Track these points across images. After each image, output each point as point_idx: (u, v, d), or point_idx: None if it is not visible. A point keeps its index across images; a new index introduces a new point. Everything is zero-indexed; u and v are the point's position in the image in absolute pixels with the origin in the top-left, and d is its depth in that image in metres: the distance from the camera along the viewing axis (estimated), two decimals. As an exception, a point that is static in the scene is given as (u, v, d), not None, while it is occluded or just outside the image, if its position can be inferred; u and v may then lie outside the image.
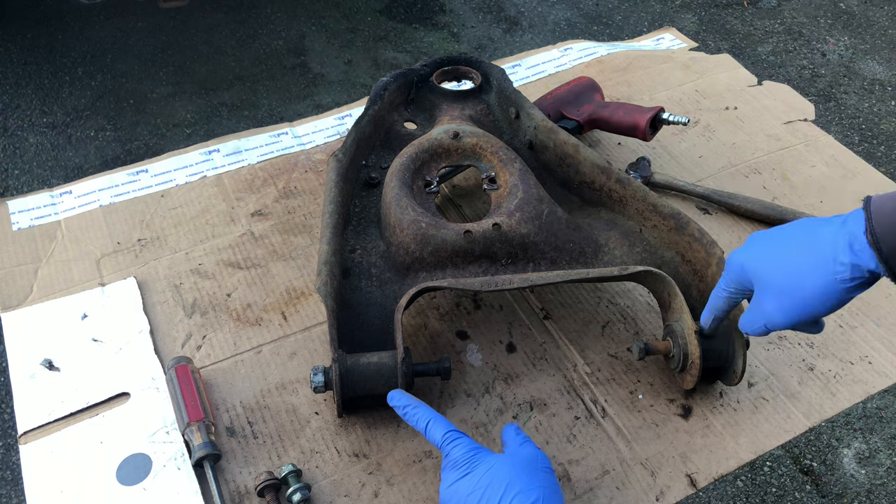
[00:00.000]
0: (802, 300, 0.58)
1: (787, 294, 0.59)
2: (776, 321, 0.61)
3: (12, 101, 2.41)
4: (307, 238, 0.93)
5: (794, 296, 0.59)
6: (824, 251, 0.56)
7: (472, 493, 0.60)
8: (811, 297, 0.58)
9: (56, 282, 0.88)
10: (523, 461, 0.62)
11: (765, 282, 0.61)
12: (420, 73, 1.00)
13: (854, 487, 1.60)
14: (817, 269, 0.57)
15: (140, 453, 0.72)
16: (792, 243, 0.59)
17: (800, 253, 0.58)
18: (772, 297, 0.60)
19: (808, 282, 0.58)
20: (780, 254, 0.60)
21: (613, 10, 2.96)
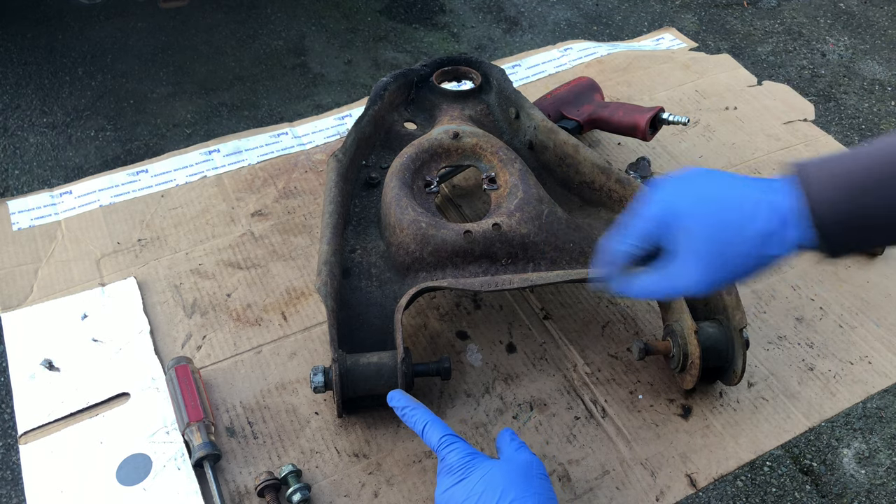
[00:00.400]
0: (726, 268, 0.54)
1: (714, 259, 0.54)
2: (691, 286, 0.56)
3: (12, 101, 2.41)
4: (307, 238, 0.93)
5: (720, 262, 0.54)
6: (759, 222, 0.52)
7: (467, 499, 0.60)
8: (737, 267, 0.54)
9: (56, 282, 0.88)
10: (518, 468, 0.62)
11: (693, 241, 0.55)
12: (420, 74, 1.01)
13: (854, 487, 1.60)
14: (750, 240, 0.53)
15: (140, 453, 0.72)
16: (729, 205, 0.54)
17: (735, 218, 0.53)
18: (695, 260, 0.55)
19: (738, 250, 0.53)
20: (717, 214, 0.54)
21: (613, 10, 2.96)
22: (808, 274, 0.91)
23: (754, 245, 0.53)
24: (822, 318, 0.87)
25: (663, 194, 0.57)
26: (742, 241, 0.53)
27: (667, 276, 0.57)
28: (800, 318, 0.87)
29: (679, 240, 0.56)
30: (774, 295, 0.89)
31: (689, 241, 0.55)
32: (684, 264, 0.56)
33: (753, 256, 0.54)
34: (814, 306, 0.88)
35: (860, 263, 0.93)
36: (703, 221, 0.55)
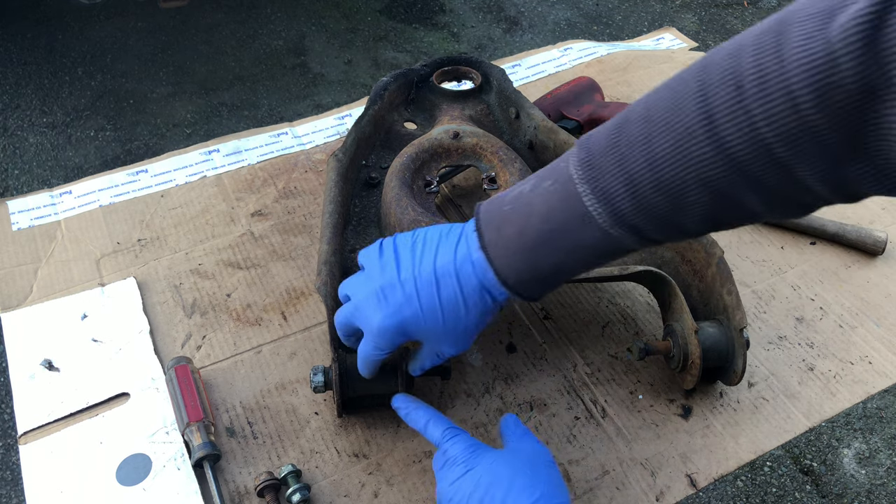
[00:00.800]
0: (465, 335, 0.61)
1: (451, 336, 0.61)
2: (448, 354, 0.64)
3: (12, 101, 2.41)
4: (307, 238, 0.93)
5: (457, 335, 0.61)
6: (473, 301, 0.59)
7: (474, 491, 0.59)
8: (470, 330, 0.61)
9: (56, 282, 0.88)
10: (524, 457, 0.61)
11: (430, 338, 0.62)
12: (420, 73, 1.01)
13: (854, 487, 1.60)
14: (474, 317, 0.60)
15: (140, 453, 0.72)
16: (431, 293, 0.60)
17: (451, 305, 0.59)
18: (439, 342, 0.62)
19: (467, 330, 0.61)
20: (430, 308, 0.60)
21: (613, 10, 2.96)
22: (808, 274, 0.91)
23: (480, 322, 0.61)
24: (823, 318, 0.87)
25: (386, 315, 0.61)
26: (465, 325, 0.60)
27: (425, 355, 0.65)
28: (800, 318, 0.87)
29: (419, 338, 0.63)
30: (774, 295, 0.89)
31: (430, 340, 0.63)
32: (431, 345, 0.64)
33: (482, 324, 0.61)
34: (814, 306, 0.88)
35: (860, 263, 0.93)
36: (432, 327, 0.61)
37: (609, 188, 0.51)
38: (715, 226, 0.52)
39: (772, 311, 0.87)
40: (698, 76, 0.47)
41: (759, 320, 0.86)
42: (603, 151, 0.52)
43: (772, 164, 0.45)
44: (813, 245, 0.95)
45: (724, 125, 0.45)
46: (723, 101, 0.45)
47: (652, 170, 0.49)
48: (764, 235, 0.96)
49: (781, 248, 0.94)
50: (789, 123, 0.42)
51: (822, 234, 0.94)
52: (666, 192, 0.49)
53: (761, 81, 0.43)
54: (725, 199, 0.48)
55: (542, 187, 0.55)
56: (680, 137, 0.47)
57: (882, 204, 1.00)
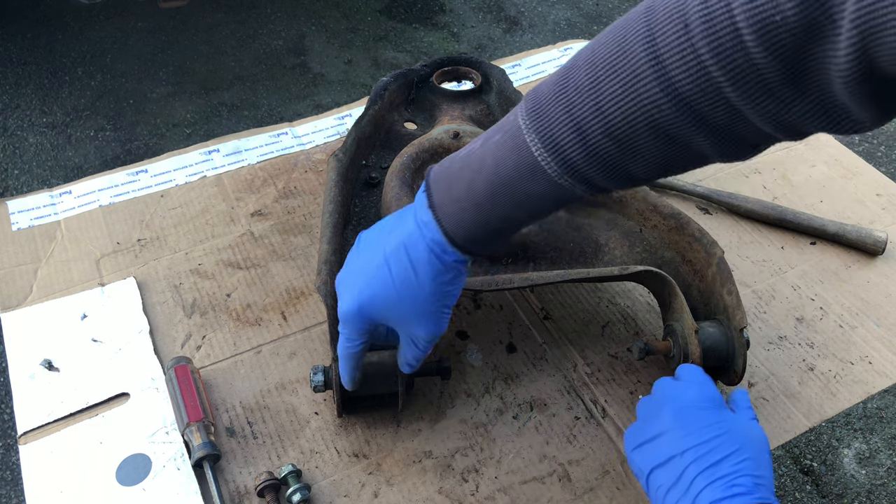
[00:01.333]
0: (426, 307, 0.60)
1: (416, 313, 0.60)
2: (427, 342, 0.63)
3: (12, 101, 2.41)
4: (307, 238, 0.93)
5: (417, 308, 0.60)
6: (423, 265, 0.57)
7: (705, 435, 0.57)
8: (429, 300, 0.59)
9: (56, 282, 0.88)
10: (759, 438, 0.59)
11: (394, 316, 0.61)
12: (420, 74, 1.00)
13: (854, 487, 1.60)
14: (430, 284, 0.58)
15: (140, 453, 0.72)
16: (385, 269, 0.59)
17: (404, 274, 0.58)
18: (408, 322, 0.61)
19: (428, 301, 0.59)
20: (386, 286, 0.59)
21: (613, 10, 2.96)
22: (808, 274, 0.91)
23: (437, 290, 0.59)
24: (823, 318, 0.87)
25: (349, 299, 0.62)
26: (425, 297, 0.59)
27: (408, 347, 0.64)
28: (800, 318, 0.87)
29: (388, 322, 0.62)
30: (774, 295, 0.89)
31: (398, 321, 0.62)
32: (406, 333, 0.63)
33: (441, 294, 0.59)
34: (814, 306, 0.88)
35: (860, 263, 0.93)
36: (393, 305, 0.60)
37: (557, 137, 0.50)
38: (664, 170, 0.52)
39: (772, 311, 0.87)
40: (644, 17, 0.47)
41: (759, 320, 0.86)
42: (550, 99, 0.51)
43: (720, 102, 0.44)
44: (813, 245, 0.95)
45: (672, 65, 0.45)
46: (670, 40, 0.44)
47: (600, 115, 0.48)
48: (764, 235, 0.96)
49: (781, 248, 0.94)
50: (736, 62, 0.42)
51: (823, 234, 0.94)
52: (615, 137, 0.49)
53: (708, 20, 0.43)
54: (675, 142, 0.48)
55: (492, 141, 0.55)
56: (627, 80, 0.47)
57: (882, 204, 1.00)
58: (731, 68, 0.43)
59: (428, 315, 0.60)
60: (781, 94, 0.43)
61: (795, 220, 0.95)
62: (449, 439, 0.74)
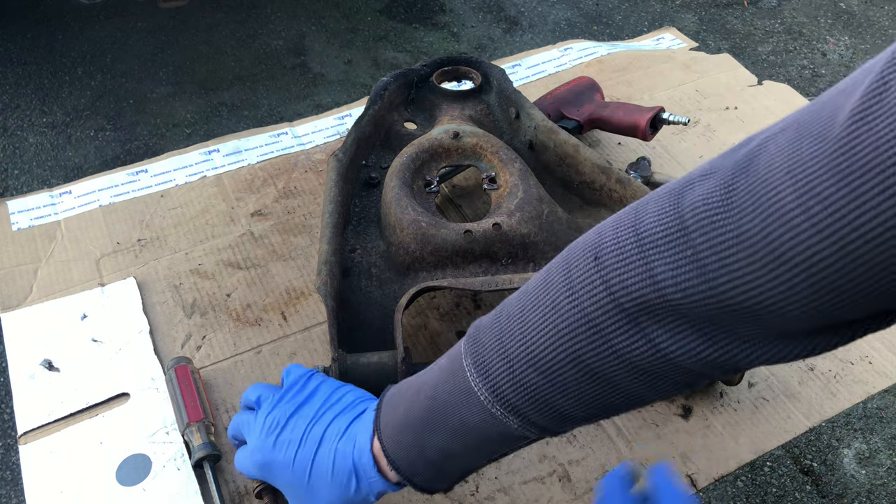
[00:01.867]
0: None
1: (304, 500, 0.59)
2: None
3: (12, 101, 2.41)
4: (307, 238, 0.93)
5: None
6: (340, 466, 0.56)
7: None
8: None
9: (56, 282, 0.87)
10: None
11: (285, 488, 0.60)
12: (420, 73, 1.00)
13: (854, 487, 1.60)
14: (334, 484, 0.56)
15: (140, 454, 0.72)
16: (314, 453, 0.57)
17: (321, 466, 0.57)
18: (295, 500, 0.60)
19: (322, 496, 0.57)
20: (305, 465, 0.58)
21: (613, 10, 2.96)
22: (809, 274, 0.91)
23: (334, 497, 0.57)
24: (823, 318, 0.86)
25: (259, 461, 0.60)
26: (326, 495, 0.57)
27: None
28: (800, 318, 0.86)
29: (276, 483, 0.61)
30: (775, 295, 0.89)
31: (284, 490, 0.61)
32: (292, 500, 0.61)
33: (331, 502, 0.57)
34: (814, 306, 0.88)
35: (860, 263, 0.92)
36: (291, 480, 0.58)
37: (488, 362, 0.49)
38: (600, 410, 0.49)
39: (772, 311, 0.87)
40: (564, 253, 0.47)
41: (759, 320, 0.86)
42: (487, 327, 0.50)
43: (636, 334, 0.44)
44: (813, 245, 0.94)
45: (583, 294, 0.45)
46: (582, 271, 0.45)
47: (525, 344, 0.47)
48: (764, 235, 0.95)
49: (781, 248, 0.94)
50: (646, 293, 0.42)
51: (823, 234, 0.94)
52: (539, 368, 0.47)
53: (619, 252, 0.43)
54: (598, 377, 0.46)
55: (437, 365, 0.54)
56: (548, 309, 0.46)
57: (882, 204, 1.00)
58: (641, 299, 0.42)
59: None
60: (702, 329, 0.42)
61: (795, 220, 0.95)
62: (449, 439, 0.74)
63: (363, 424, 0.57)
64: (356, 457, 0.55)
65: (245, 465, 0.62)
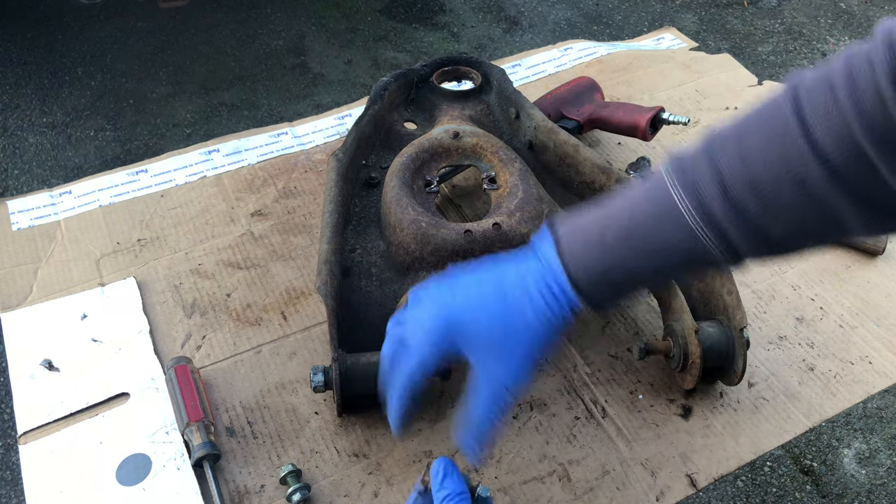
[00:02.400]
0: (529, 350, 0.54)
1: (510, 351, 0.54)
2: (515, 385, 0.55)
3: (12, 101, 2.41)
4: (307, 238, 0.93)
5: (518, 352, 0.54)
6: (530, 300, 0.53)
7: None
8: (534, 344, 0.54)
9: (56, 282, 0.87)
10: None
11: (484, 343, 0.54)
12: (420, 73, 1.00)
13: (854, 487, 1.60)
14: (533, 320, 0.53)
15: (140, 453, 0.72)
16: (491, 292, 0.55)
17: (506, 303, 0.54)
18: (497, 360, 0.54)
19: (525, 335, 0.54)
20: (488, 307, 0.54)
21: (613, 10, 2.96)
22: (809, 274, 0.91)
23: (542, 337, 0.54)
24: (823, 318, 0.87)
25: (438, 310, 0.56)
26: (528, 337, 0.54)
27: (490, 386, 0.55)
28: (800, 318, 0.87)
29: (472, 355, 0.55)
30: (774, 295, 0.89)
31: (485, 356, 0.55)
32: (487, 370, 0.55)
33: (543, 342, 0.54)
34: (814, 306, 0.88)
35: (860, 263, 0.93)
36: (489, 333, 0.54)
37: (698, 183, 0.49)
38: (800, 236, 0.50)
39: (772, 311, 0.87)
40: (790, 87, 0.48)
41: (759, 320, 0.86)
42: (694, 153, 0.51)
43: (862, 164, 0.44)
44: (813, 245, 0.95)
45: (817, 125, 0.45)
46: (816, 101, 0.45)
47: (744, 166, 0.48)
48: (764, 235, 0.96)
49: (781, 248, 0.94)
50: (878, 122, 0.43)
51: (823, 234, 0.94)
52: (757, 190, 0.48)
53: (852, 81, 0.44)
54: (815, 202, 0.47)
55: (628, 192, 0.53)
56: (774, 134, 0.47)
57: (882, 204, 1.00)
58: (874, 130, 0.43)
59: (521, 358, 0.54)
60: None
61: (795, 220, 0.95)
62: (449, 439, 0.74)
63: (536, 251, 0.55)
64: (550, 277, 0.53)
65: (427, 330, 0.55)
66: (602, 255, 0.52)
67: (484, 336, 0.54)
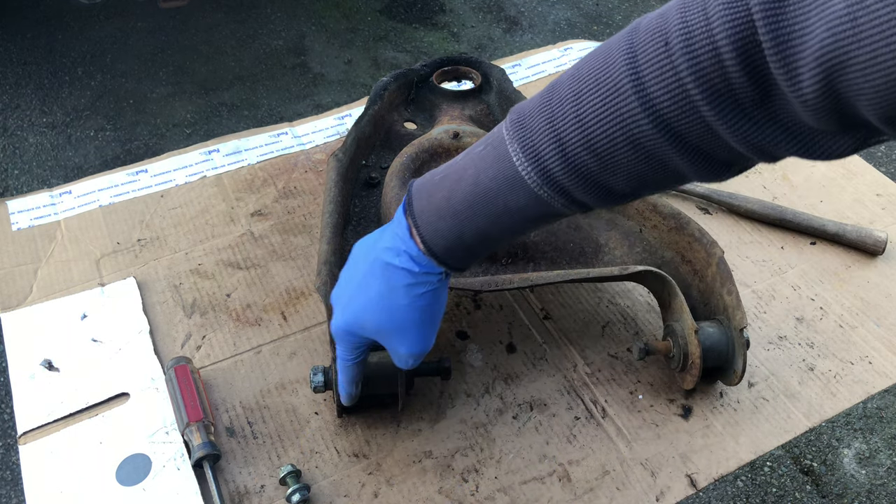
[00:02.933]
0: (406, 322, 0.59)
1: (404, 332, 0.60)
2: (409, 359, 0.62)
3: (12, 101, 2.41)
4: (307, 238, 0.93)
5: (397, 323, 0.60)
6: (396, 277, 0.58)
7: None
8: (406, 315, 0.59)
9: (56, 282, 0.87)
10: None
11: (375, 331, 0.61)
12: (420, 73, 1.00)
13: (854, 488, 1.60)
14: (404, 297, 0.58)
15: (140, 454, 0.72)
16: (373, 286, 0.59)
17: (379, 287, 0.59)
18: (398, 341, 0.61)
19: (404, 315, 0.59)
20: (372, 302, 0.59)
21: (613, 9, 2.96)
22: (809, 274, 0.91)
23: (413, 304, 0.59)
24: (823, 318, 0.87)
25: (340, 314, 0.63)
26: (414, 316, 0.59)
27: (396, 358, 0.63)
28: (800, 318, 0.87)
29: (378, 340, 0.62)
30: (774, 295, 0.89)
31: (387, 340, 0.61)
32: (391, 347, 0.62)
33: (419, 308, 0.59)
34: (814, 306, 0.88)
35: (860, 263, 0.93)
36: (381, 325, 0.60)
37: (538, 147, 0.50)
38: (642, 187, 0.51)
39: (772, 311, 0.87)
40: (627, 36, 0.47)
41: (759, 320, 0.86)
42: (533, 112, 0.51)
43: (696, 120, 0.45)
44: (813, 245, 0.95)
45: (651, 80, 0.45)
46: (650, 56, 0.45)
47: (581, 127, 0.48)
48: (764, 235, 0.96)
49: (781, 248, 0.94)
50: (713, 79, 0.42)
51: (823, 234, 0.94)
52: (594, 150, 0.49)
53: (687, 36, 0.43)
54: (652, 158, 0.48)
55: (475, 152, 0.55)
56: (608, 94, 0.47)
57: (882, 204, 1.00)
58: (708, 85, 0.43)
59: (408, 331, 0.60)
60: (755, 116, 0.43)
61: (795, 220, 0.95)
62: (449, 439, 0.74)
63: (395, 223, 0.58)
64: (403, 246, 0.57)
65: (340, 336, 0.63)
66: (454, 223, 0.55)
67: (378, 327, 0.60)
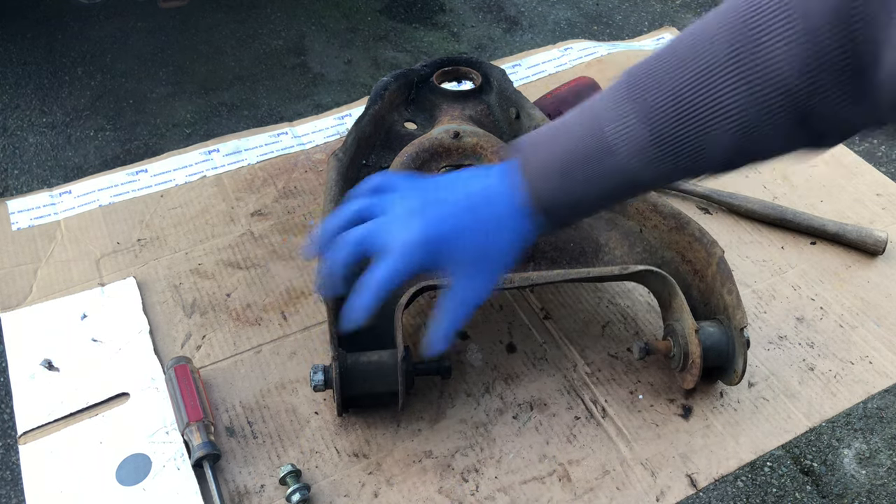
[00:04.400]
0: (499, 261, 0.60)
1: (484, 269, 0.60)
2: (484, 297, 0.60)
3: (12, 101, 2.41)
4: (307, 238, 0.93)
5: (487, 265, 0.60)
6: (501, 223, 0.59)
7: None
8: (503, 255, 0.60)
9: (56, 282, 0.87)
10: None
11: (462, 261, 0.59)
12: (420, 74, 1.00)
13: (854, 488, 1.60)
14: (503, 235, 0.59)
15: (140, 453, 0.72)
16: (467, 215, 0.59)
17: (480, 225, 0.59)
18: (472, 276, 0.60)
19: (497, 255, 0.60)
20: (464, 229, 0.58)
21: (613, 9, 2.96)
22: (809, 274, 0.91)
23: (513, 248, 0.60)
24: (823, 318, 0.87)
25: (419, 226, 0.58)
26: (499, 257, 0.60)
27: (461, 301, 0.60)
28: (800, 318, 0.87)
29: (449, 269, 0.60)
30: (775, 295, 0.89)
31: (461, 272, 0.60)
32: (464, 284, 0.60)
33: (513, 253, 0.60)
34: (814, 306, 0.88)
35: (860, 263, 0.93)
36: (466, 254, 0.59)
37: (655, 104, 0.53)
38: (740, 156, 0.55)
39: (772, 310, 0.87)
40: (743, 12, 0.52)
41: (759, 320, 0.86)
42: (643, 71, 0.55)
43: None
44: (813, 245, 0.95)
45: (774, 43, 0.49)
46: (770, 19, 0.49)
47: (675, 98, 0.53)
48: (764, 235, 0.96)
49: (781, 248, 0.94)
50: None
51: (823, 234, 0.94)
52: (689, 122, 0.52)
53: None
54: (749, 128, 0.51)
55: (579, 110, 0.58)
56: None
57: (882, 204, 1.00)
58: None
59: (494, 270, 0.60)
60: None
61: (795, 219, 0.95)
62: (449, 439, 0.74)
63: (501, 171, 0.59)
64: (517, 195, 0.58)
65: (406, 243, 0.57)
66: (561, 179, 0.57)
67: (462, 256, 0.58)
